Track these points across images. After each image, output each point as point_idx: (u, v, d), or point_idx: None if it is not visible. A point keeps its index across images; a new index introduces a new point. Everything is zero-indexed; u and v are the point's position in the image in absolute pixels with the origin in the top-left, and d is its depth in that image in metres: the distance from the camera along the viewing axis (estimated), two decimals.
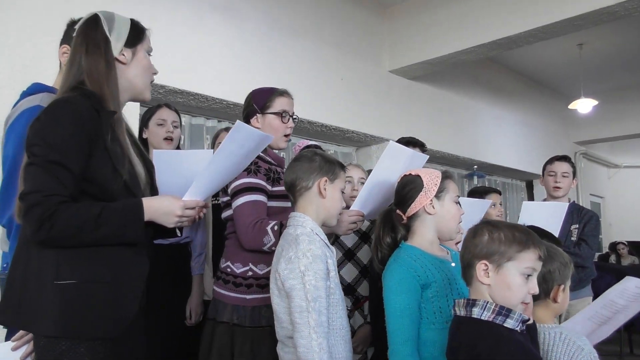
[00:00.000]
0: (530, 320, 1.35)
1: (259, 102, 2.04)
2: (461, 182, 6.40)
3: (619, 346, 5.59)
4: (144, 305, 1.44)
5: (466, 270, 1.37)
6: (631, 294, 1.82)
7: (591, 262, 3.08)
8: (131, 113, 2.47)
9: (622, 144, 8.93)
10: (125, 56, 1.46)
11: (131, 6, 2.89)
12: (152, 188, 1.53)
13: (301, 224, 1.60)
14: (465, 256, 1.37)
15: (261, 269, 1.89)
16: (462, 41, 4.50)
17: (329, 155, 1.74)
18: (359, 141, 4.95)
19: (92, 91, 1.38)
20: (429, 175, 1.67)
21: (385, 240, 1.71)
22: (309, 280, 1.48)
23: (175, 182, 1.55)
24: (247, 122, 2.00)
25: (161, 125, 2.41)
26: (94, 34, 1.43)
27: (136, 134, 2.15)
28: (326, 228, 1.70)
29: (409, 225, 1.68)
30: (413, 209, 1.65)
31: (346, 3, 4.61)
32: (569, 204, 2.84)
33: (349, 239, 2.37)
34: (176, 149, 2.46)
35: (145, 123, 2.45)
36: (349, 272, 2.34)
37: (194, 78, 3.42)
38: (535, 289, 1.31)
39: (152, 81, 1.55)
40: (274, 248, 1.73)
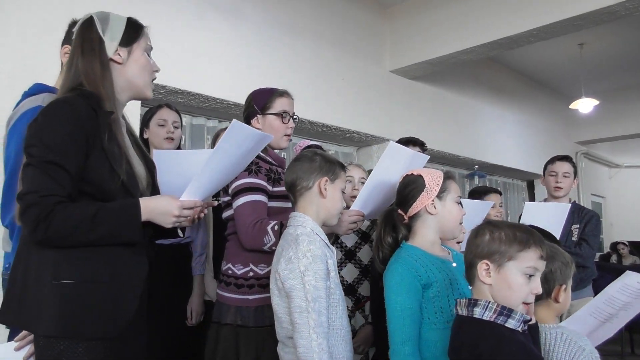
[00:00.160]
0: (532, 320, 1.35)
1: (259, 103, 2.04)
2: (462, 182, 6.39)
3: (620, 346, 5.59)
4: (146, 305, 1.44)
5: (468, 270, 1.37)
6: (633, 290, 1.81)
7: (592, 262, 3.07)
8: (132, 113, 2.46)
9: (623, 144, 8.92)
10: (120, 56, 1.45)
11: (132, 6, 2.89)
12: (154, 188, 1.53)
13: (301, 224, 1.59)
14: (467, 256, 1.37)
15: (262, 269, 1.89)
16: (462, 41, 4.49)
17: (329, 155, 1.74)
18: (360, 141, 4.95)
19: (90, 91, 1.38)
20: (431, 176, 1.67)
21: (386, 240, 1.70)
22: (308, 280, 1.47)
23: (176, 182, 1.54)
24: (247, 123, 2.00)
25: (162, 125, 2.42)
26: (89, 35, 1.43)
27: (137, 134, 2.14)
28: (326, 228, 1.70)
29: (410, 225, 1.68)
30: (414, 208, 1.65)
31: (347, 3, 4.61)
32: (570, 204, 2.83)
33: (349, 239, 2.36)
34: (177, 149, 2.46)
35: (146, 123, 2.45)
36: (349, 273, 2.33)
37: (195, 78, 3.42)
38: (538, 289, 1.30)
39: (153, 79, 1.54)
40: (274, 248, 1.73)
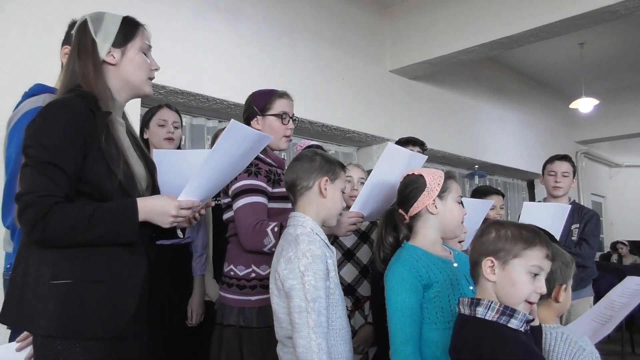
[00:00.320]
0: (535, 320, 1.35)
1: (259, 104, 2.04)
2: (462, 182, 6.40)
3: (621, 345, 5.59)
4: (146, 305, 1.43)
5: (473, 268, 1.37)
6: (631, 292, 1.83)
7: (592, 261, 3.08)
8: (132, 113, 2.44)
9: (624, 143, 8.92)
10: (114, 57, 1.44)
11: (131, 6, 2.89)
12: (154, 189, 1.53)
13: (301, 224, 1.59)
14: (472, 255, 1.37)
15: (264, 269, 1.89)
16: (462, 41, 4.49)
17: (329, 155, 1.74)
18: (360, 141, 4.95)
19: (88, 92, 1.38)
20: (432, 175, 1.67)
21: (387, 240, 1.70)
22: (308, 280, 1.47)
23: (176, 182, 1.53)
24: (247, 124, 1.99)
25: (162, 125, 2.41)
26: (83, 38, 1.44)
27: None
28: (326, 229, 1.70)
29: (411, 225, 1.68)
30: (415, 208, 1.65)
31: (347, 3, 4.61)
32: (570, 205, 2.83)
33: (348, 239, 2.36)
34: (177, 149, 2.46)
35: (146, 123, 2.45)
36: (349, 273, 2.33)
37: (195, 78, 3.42)
38: (542, 288, 1.29)
39: (152, 78, 1.53)
40: (274, 249, 1.72)
